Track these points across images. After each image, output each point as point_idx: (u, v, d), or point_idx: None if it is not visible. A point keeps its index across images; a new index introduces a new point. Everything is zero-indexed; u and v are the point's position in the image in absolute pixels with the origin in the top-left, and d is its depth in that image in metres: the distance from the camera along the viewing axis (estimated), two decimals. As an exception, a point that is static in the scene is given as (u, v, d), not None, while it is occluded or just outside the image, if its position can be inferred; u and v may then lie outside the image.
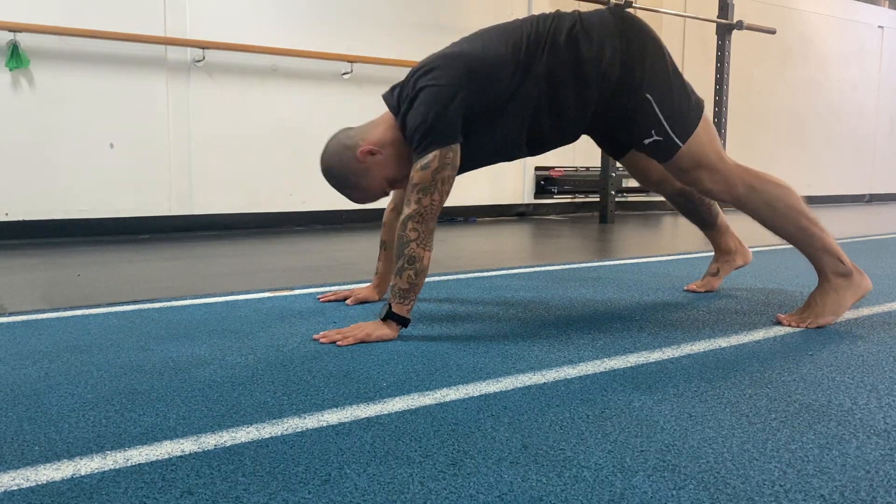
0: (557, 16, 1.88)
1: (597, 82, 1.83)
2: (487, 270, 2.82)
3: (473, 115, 1.80)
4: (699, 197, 2.30)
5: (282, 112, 4.44)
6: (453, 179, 1.79)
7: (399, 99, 1.85)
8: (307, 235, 4.13)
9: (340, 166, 1.89)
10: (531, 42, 1.82)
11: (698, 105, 1.92)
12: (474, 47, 1.83)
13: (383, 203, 2.21)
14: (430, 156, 1.74)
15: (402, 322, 1.78)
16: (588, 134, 2.02)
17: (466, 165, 1.89)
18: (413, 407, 1.30)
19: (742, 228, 2.48)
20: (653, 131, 1.86)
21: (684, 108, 1.88)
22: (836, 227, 4.67)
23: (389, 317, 1.77)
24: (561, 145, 1.99)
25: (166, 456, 1.08)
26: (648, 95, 1.84)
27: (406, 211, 1.76)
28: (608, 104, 1.86)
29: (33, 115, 3.70)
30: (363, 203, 1.97)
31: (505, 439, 1.15)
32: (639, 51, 1.84)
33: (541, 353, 1.66)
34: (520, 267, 2.95)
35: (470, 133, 1.82)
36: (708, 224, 2.38)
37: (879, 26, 8.22)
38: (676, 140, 1.86)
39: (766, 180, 1.93)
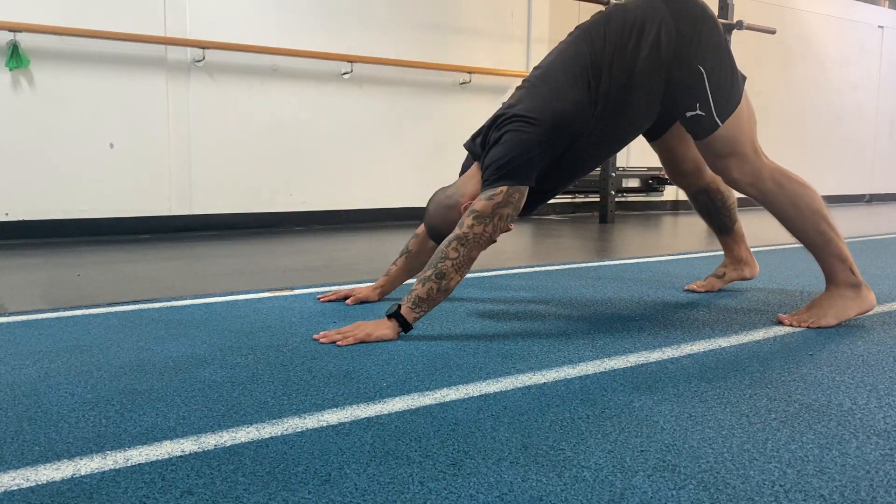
0: (605, 24, 1.89)
1: (653, 74, 1.85)
2: (487, 270, 2.82)
3: (552, 160, 1.86)
4: (722, 200, 2.30)
5: (282, 112, 4.44)
6: (511, 220, 1.83)
7: (482, 145, 1.91)
8: (307, 235, 4.13)
9: (445, 225, 1.91)
10: (594, 69, 1.85)
11: (741, 83, 1.93)
12: (565, 100, 1.83)
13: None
14: (498, 190, 1.78)
15: (405, 326, 1.78)
16: None
17: (545, 196, 1.98)
18: (413, 407, 1.30)
19: (744, 228, 2.47)
20: (697, 105, 1.87)
21: (729, 86, 1.89)
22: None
23: (395, 316, 1.77)
24: (631, 140, 2.03)
25: (166, 456, 1.08)
26: (702, 68, 1.84)
27: (456, 231, 1.79)
28: (664, 85, 1.88)
29: (33, 115, 3.70)
30: None
31: (505, 439, 1.15)
32: (690, 24, 1.85)
33: (541, 353, 1.66)
34: (520, 267, 2.95)
35: (548, 171, 1.87)
36: (725, 229, 2.38)
37: (879, 26, 8.22)
38: (717, 118, 1.87)
39: (793, 179, 1.93)
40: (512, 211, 1.80)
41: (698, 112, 1.87)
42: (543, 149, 1.81)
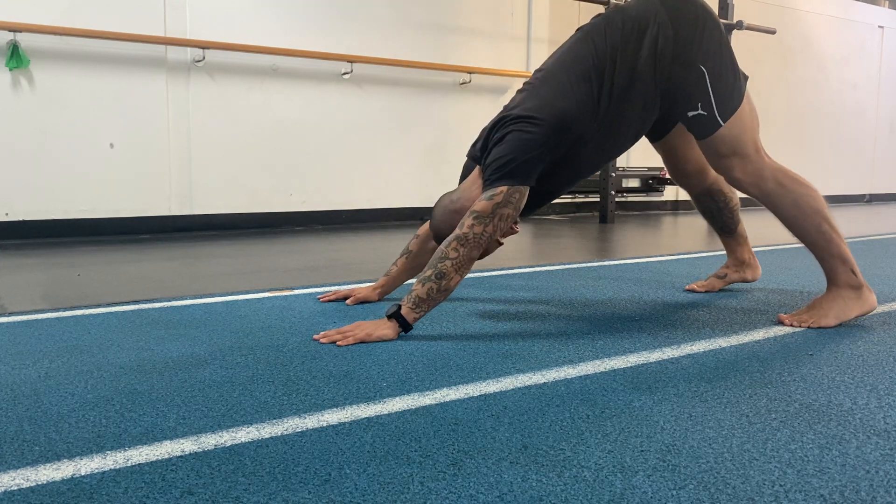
0: (605, 25, 1.89)
1: (653, 75, 1.85)
2: (487, 270, 2.82)
3: (554, 160, 1.86)
4: (724, 201, 2.30)
5: (282, 112, 4.44)
6: (511, 220, 1.83)
7: (482, 149, 1.91)
8: (307, 235, 4.13)
9: (451, 230, 1.90)
10: (596, 70, 1.85)
11: (743, 83, 1.93)
12: (567, 101, 1.83)
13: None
14: (498, 190, 1.79)
15: (405, 326, 1.78)
16: None
17: (547, 197, 1.98)
18: (413, 407, 1.30)
19: (746, 228, 2.47)
20: (699, 104, 1.87)
21: (731, 85, 1.88)
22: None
23: (395, 317, 1.77)
24: (634, 143, 2.03)
25: (166, 456, 1.08)
26: (703, 68, 1.84)
27: (456, 231, 1.79)
28: (665, 85, 1.87)
29: (33, 115, 3.70)
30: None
31: (505, 439, 1.15)
32: (690, 24, 1.85)
33: (541, 353, 1.66)
34: (520, 267, 2.95)
35: (550, 172, 1.88)
36: (728, 230, 2.38)
37: (879, 26, 8.22)
38: (718, 118, 1.87)
39: (795, 179, 1.93)
40: (512, 211, 1.80)
41: (700, 112, 1.87)
42: (545, 149, 1.81)
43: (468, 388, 1.41)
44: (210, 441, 1.14)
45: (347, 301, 2.18)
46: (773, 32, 5.79)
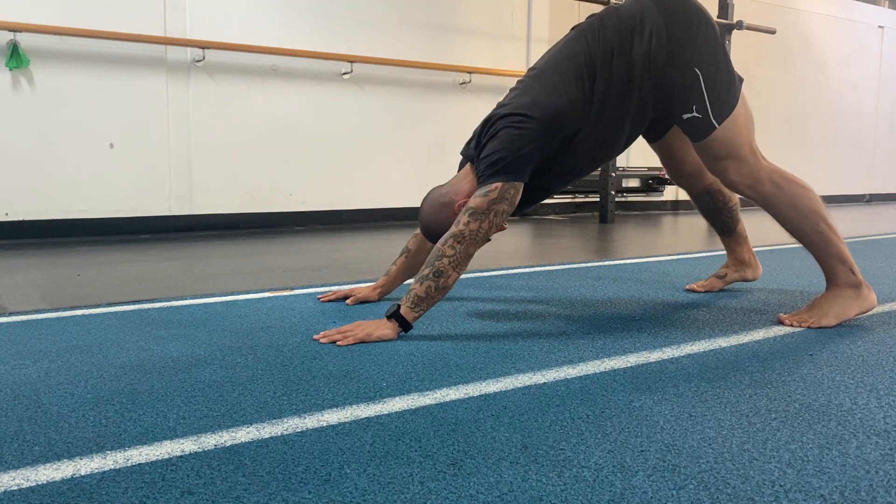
0: (599, 25, 1.89)
1: (646, 76, 1.84)
2: (487, 270, 2.82)
3: (545, 158, 1.86)
4: (724, 200, 2.30)
5: (282, 112, 4.44)
6: (506, 216, 1.82)
7: (475, 147, 1.90)
8: (307, 235, 4.13)
9: (439, 223, 1.91)
10: (589, 68, 1.85)
11: (738, 85, 1.92)
12: (558, 98, 1.83)
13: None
14: (492, 186, 1.78)
15: (405, 326, 1.78)
16: None
17: (540, 195, 1.97)
18: (413, 407, 1.30)
19: (746, 228, 2.47)
20: (694, 107, 1.86)
21: (726, 88, 1.88)
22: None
23: (395, 317, 1.77)
24: (629, 145, 2.02)
25: (166, 456, 1.08)
26: (698, 70, 1.84)
27: (452, 229, 1.79)
28: (657, 84, 1.87)
29: (33, 115, 3.70)
30: None
31: (505, 439, 1.15)
32: (685, 26, 1.85)
33: (541, 353, 1.66)
34: (520, 267, 2.95)
35: (542, 169, 1.87)
36: (727, 230, 2.38)
37: (879, 26, 8.22)
38: (713, 120, 1.87)
39: (791, 180, 1.93)
40: (507, 207, 1.80)
41: (695, 114, 1.87)
42: (537, 145, 1.81)
43: (468, 388, 1.41)
44: (210, 441, 1.14)
45: (347, 301, 2.18)
46: (773, 32, 5.79)
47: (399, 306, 1.78)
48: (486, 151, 1.83)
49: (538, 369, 1.53)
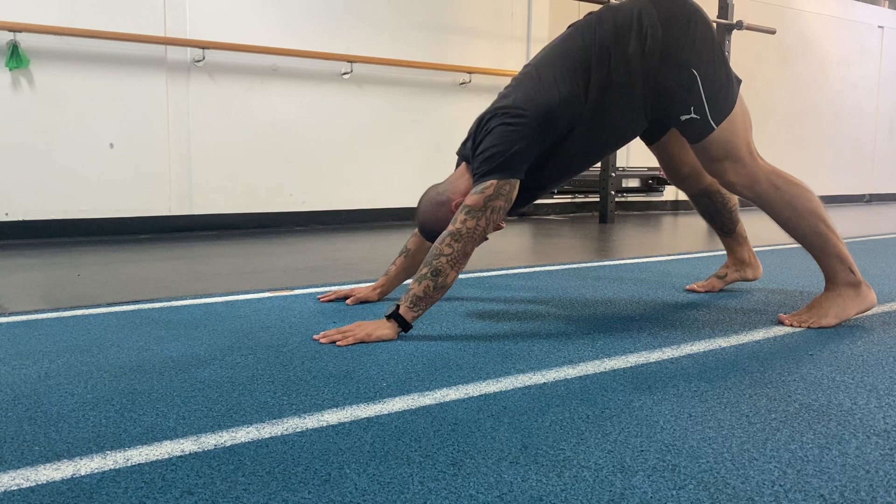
0: (596, 23, 1.89)
1: (641, 74, 1.84)
2: (487, 270, 2.82)
3: (540, 153, 1.85)
4: (722, 201, 2.30)
5: (282, 112, 4.44)
6: (503, 213, 1.82)
7: (471, 145, 1.90)
8: (307, 235, 4.13)
9: (436, 222, 1.91)
10: (584, 65, 1.85)
11: (736, 86, 1.92)
12: (552, 93, 1.83)
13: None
14: (488, 183, 1.78)
15: (405, 326, 1.78)
16: None
17: (535, 192, 1.96)
18: (413, 407, 1.30)
19: (746, 228, 2.47)
20: (692, 108, 1.86)
21: (723, 89, 1.88)
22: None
23: (394, 317, 1.77)
24: (625, 144, 2.02)
25: (166, 456, 1.08)
26: (695, 71, 1.84)
27: (449, 227, 1.79)
28: (655, 86, 1.86)
29: (33, 115, 3.70)
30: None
31: (505, 439, 1.15)
32: (682, 27, 1.84)
33: (541, 353, 1.66)
34: (520, 267, 2.95)
35: (537, 167, 1.87)
36: (727, 230, 2.38)
37: (879, 26, 8.22)
38: (711, 122, 1.86)
39: (789, 181, 1.93)
40: (504, 203, 1.80)
41: (693, 116, 1.87)
42: (532, 141, 1.80)
43: (468, 388, 1.41)
44: (210, 441, 1.14)
45: (347, 301, 2.18)
46: (773, 32, 5.79)
47: (398, 306, 1.78)
48: (480, 148, 1.83)
49: (538, 369, 1.53)
